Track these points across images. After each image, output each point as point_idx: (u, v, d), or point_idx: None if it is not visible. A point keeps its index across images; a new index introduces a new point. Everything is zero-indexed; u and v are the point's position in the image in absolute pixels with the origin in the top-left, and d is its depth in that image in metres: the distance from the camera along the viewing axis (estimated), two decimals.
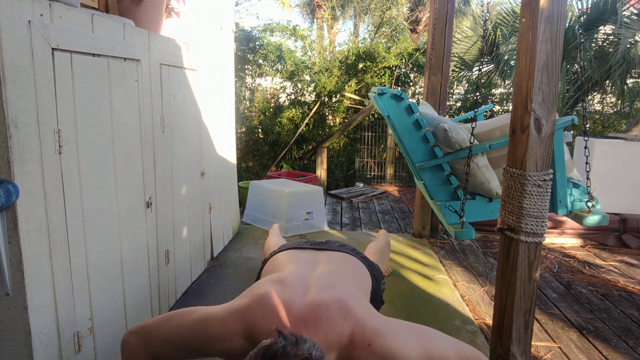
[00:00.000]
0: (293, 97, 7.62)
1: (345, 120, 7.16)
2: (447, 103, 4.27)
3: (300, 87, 7.56)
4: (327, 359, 1.00)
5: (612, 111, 7.17)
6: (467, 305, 2.49)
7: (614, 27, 5.68)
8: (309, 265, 1.56)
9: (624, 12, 5.67)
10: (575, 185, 2.14)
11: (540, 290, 2.73)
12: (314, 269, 1.52)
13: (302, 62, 7.57)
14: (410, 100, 2.30)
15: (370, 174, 6.71)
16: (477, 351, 1.26)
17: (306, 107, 7.40)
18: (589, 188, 2.04)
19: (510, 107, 2.25)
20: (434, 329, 1.29)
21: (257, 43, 7.45)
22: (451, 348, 1.23)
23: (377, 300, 1.73)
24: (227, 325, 1.22)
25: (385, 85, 6.93)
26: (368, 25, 12.74)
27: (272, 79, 7.77)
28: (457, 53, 6.77)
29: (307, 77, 7.60)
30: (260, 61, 7.55)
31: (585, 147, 1.98)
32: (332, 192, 5.55)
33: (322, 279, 1.38)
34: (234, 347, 1.21)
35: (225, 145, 3.24)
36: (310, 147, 7.12)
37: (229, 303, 1.30)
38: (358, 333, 1.19)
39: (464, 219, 1.96)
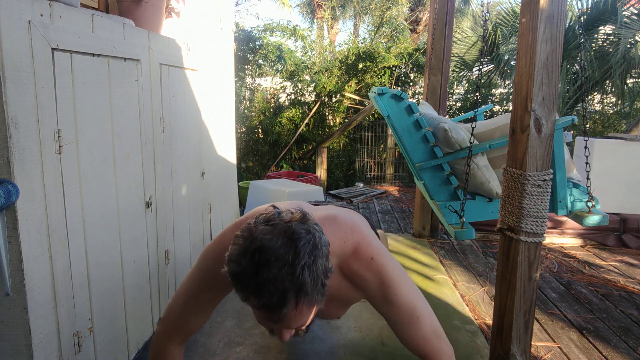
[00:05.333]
0: (293, 97, 7.62)
1: (345, 120, 7.16)
2: (447, 103, 4.27)
3: (300, 87, 7.56)
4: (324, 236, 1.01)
5: (612, 111, 7.16)
6: (467, 305, 2.49)
7: (614, 27, 5.68)
8: (306, 206, 1.57)
9: (624, 12, 5.67)
10: (575, 185, 2.14)
11: (540, 290, 2.73)
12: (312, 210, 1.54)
13: (302, 62, 7.57)
14: (410, 100, 2.30)
15: (370, 174, 6.71)
16: (449, 346, 1.28)
17: (306, 107, 7.40)
18: (589, 188, 2.04)
19: (510, 107, 2.25)
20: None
21: (257, 43, 7.45)
22: (430, 320, 1.26)
23: None
24: (228, 238, 1.22)
25: (385, 85, 6.93)
26: (368, 25, 12.74)
27: (272, 79, 7.77)
28: (457, 53, 6.77)
29: (307, 77, 7.60)
30: (260, 61, 7.55)
31: (585, 147, 1.98)
32: (332, 192, 5.55)
33: (323, 210, 1.39)
34: None
35: (225, 145, 3.24)
36: (310, 147, 7.12)
37: None
38: (363, 246, 1.22)
39: (464, 219, 1.96)
